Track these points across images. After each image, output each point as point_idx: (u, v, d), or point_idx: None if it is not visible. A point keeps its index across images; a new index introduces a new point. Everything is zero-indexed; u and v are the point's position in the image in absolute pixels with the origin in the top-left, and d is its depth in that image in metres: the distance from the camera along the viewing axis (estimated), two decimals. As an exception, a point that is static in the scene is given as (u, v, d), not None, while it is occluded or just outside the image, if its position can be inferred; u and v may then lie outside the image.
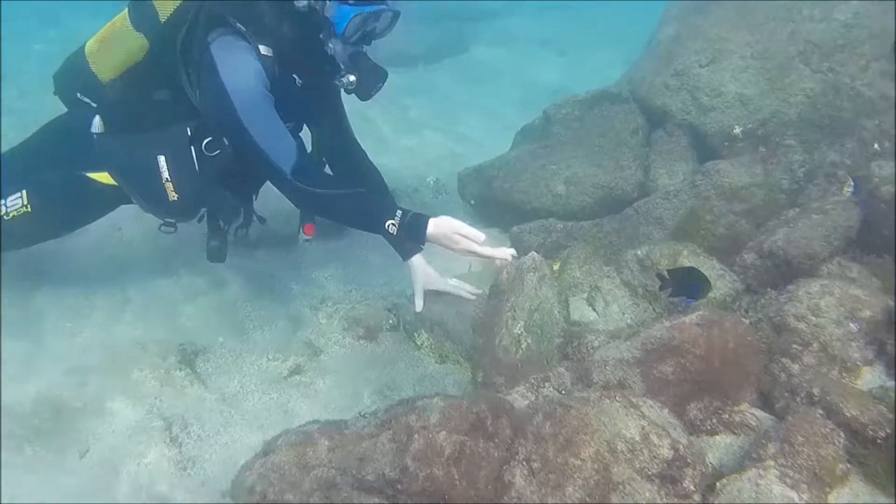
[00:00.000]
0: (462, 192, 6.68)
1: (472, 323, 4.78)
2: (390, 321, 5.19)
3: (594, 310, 4.95)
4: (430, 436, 3.09)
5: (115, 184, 4.57)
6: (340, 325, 5.18)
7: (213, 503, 3.82)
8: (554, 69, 11.28)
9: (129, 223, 5.95)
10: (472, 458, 3.09)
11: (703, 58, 6.24)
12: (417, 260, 4.94)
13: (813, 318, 3.86)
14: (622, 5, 12.80)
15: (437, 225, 4.07)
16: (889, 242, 4.46)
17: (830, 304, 3.87)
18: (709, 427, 3.64)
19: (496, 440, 3.22)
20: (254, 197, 5.14)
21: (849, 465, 3.20)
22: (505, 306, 4.47)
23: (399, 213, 4.12)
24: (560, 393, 3.83)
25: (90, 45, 4.55)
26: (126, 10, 4.45)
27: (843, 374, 3.77)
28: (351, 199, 4.23)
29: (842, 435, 3.22)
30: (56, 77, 4.75)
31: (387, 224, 4.12)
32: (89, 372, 4.58)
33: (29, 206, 4.57)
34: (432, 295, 5.10)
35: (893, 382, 3.71)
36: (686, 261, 4.70)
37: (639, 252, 4.92)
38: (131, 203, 4.72)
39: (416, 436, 3.10)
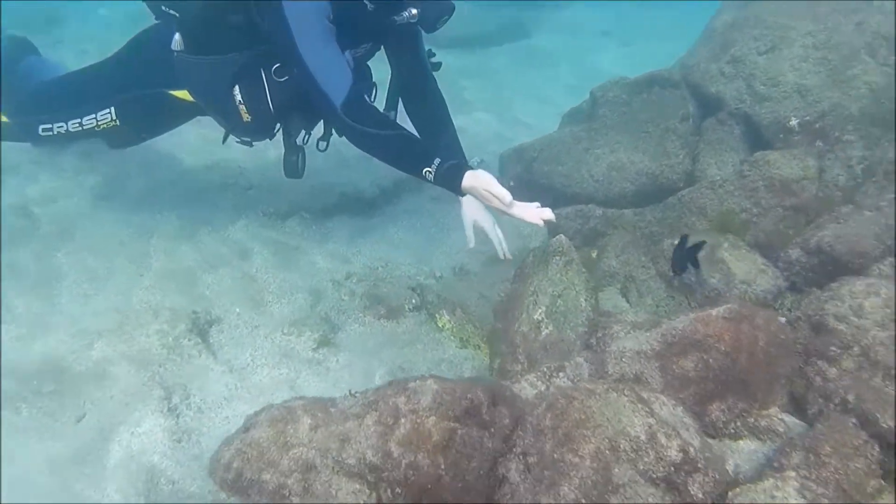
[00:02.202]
0: (503, 172, 6.45)
1: (494, 306, 4.57)
2: (413, 301, 4.98)
3: (627, 301, 4.70)
4: (418, 420, 2.88)
5: (194, 100, 4.82)
6: (362, 303, 4.99)
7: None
8: (615, 59, 11.01)
9: (163, 188, 5.87)
10: (463, 447, 2.87)
11: (761, 45, 5.91)
12: (469, 197, 4.73)
13: (855, 318, 3.54)
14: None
15: (474, 177, 4.06)
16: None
17: (875, 305, 3.55)
18: (732, 430, 3.39)
19: (492, 430, 2.99)
20: None
21: (882, 482, 2.92)
22: (527, 290, 4.26)
23: (437, 160, 4.08)
24: (574, 384, 3.57)
25: None
26: None
27: (886, 382, 3.43)
28: (393, 140, 4.25)
29: (876, 448, 2.95)
30: None
31: (423, 170, 4.12)
32: (96, 335, 4.45)
33: (117, 120, 4.94)
34: (459, 275, 4.99)
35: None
36: (726, 253, 4.44)
37: (676, 242, 4.64)
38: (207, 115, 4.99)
39: (402, 419, 2.89)
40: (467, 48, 10.63)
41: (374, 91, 4.95)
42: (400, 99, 5.06)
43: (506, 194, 4.02)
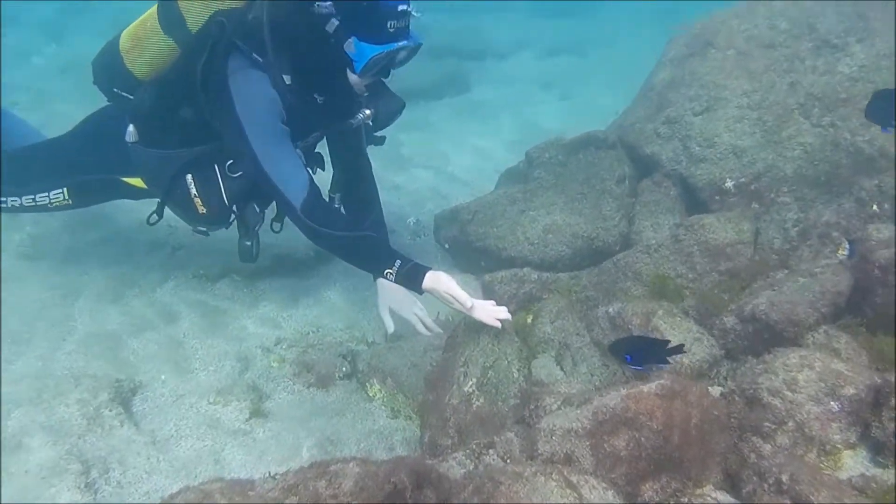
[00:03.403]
0: (437, 234, 6.35)
1: (425, 375, 4.47)
2: (344, 369, 4.89)
3: (562, 369, 4.60)
4: (339, 507, 2.74)
5: (147, 187, 4.94)
6: (292, 370, 4.91)
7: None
8: (555, 113, 10.99)
9: (90, 247, 5.77)
10: (385, 536, 2.74)
11: (697, 105, 5.95)
12: (384, 281, 4.79)
13: (789, 393, 3.48)
14: (633, 49, 12.47)
15: (435, 280, 4.23)
16: (883, 311, 4.08)
17: (810, 378, 3.50)
18: (665, 511, 3.28)
19: (417, 516, 2.87)
20: None
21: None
22: (458, 360, 4.17)
23: (398, 262, 4.30)
24: (505, 462, 3.46)
25: (123, 44, 4.62)
26: (155, 6, 4.54)
27: (822, 458, 3.41)
28: (355, 241, 4.44)
29: (811, 531, 2.86)
30: (94, 67, 4.85)
31: (385, 271, 4.33)
32: (14, 405, 4.28)
33: (70, 199, 5.10)
34: (390, 340, 4.99)
35: (876, 469, 3.35)
36: (661, 321, 4.36)
37: (610, 309, 4.58)
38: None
39: (322, 506, 2.75)
40: (407, 101, 10.54)
41: (322, 163, 5.04)
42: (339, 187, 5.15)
43: (466, 298, 4.14)
